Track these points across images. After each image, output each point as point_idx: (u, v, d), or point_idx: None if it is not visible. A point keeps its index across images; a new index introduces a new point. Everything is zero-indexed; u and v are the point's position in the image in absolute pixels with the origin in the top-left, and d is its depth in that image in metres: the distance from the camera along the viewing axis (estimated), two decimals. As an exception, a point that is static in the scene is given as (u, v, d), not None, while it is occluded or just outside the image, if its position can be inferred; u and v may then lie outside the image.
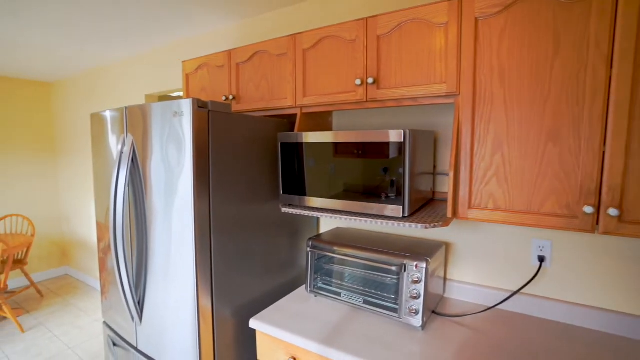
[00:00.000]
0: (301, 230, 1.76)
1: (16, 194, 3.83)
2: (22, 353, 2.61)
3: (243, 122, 1.35)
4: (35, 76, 3.72)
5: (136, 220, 1.39)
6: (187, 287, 1.24)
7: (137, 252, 1.40)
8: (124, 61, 3.02)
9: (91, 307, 3.35)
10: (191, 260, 1.21)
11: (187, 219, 1.20)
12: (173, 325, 1.31)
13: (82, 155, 3.71)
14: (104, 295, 1.68)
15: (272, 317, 1.34)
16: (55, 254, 4.20)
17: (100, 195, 1.60)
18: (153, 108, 1.24)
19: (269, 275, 1.57)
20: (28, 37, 2.41)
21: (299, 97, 1.50)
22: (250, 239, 1.44)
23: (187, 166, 1.17)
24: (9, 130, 3.74)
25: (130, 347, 1.53)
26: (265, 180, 1.49)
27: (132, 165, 1.35)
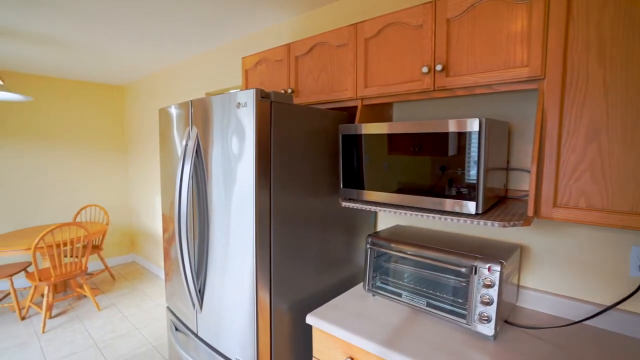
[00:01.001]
0: (357, 227, 1.71)
1: (93, 187, 4.26)
2: (99, 328, 2.88)
3: (303, 114, 1.33)
4: (109, 80, 4.10)
5: (199, 211, 1.44)
6: (246, 279, 1.25)
7: (199, 242, 1.45)
8: (186, 61, 3.20)
9: (155, 293, 3.60)
10: (251, 252, 1.22)
11: (248, 210, 1.20)
12: (231, 316, 1.33)
13: (148, 153, 4.01)
14: (167, 282, 1.77)
15: (329, 314, 1.30)
16: (125, 243, 4.60)
17: (166, 187, 1.69)
18: (217, 100, 1.27)
19: (324, 271, 1.54)
20: (104, 44, 2.64)
21: (360, 88, 1.45)
22: (307, 233, 1.42)
23: (249, 157, 1.18)
24: (86, 129, 4.17)
25: (191, 333, 1.59)
26: (324, 174, 1.47)
27: (196, 157, 1.40)
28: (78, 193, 4.13)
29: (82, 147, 4.13)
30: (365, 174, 1.33)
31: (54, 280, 2.91)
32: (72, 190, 4.08)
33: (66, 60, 3.15)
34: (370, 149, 1.30)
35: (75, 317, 3.08)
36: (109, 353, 2.54)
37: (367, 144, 1.31)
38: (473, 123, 1.01)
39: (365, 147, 1.32)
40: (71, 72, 3.64)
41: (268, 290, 1.26)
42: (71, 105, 4.02)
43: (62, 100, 3.94)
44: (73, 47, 2.76)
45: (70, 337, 2.75)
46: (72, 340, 2.72)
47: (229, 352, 1.36)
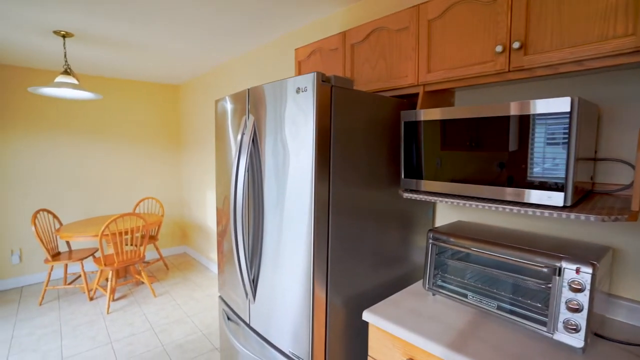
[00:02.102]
0: (414, 223, 1.62)
1: (150, 181, 4.53)
2: (155, 314, 3.04)
3: (363, 100, 1.28)
4: (165, 80, 4.34)
5: (254, 201, 1.44)
6: (302, 272, 1.22)
7: (253, 233, 1.45)
8: (235, 59, 3.28)
9: (205, 283, 3.74)
10: (308, 245, 1.18)
11: (306, 202, 1.17)
12: (285, 308, 1.31)
13: (200, 149, 4.18)
14: (220, 272, 1.80)
15: (387, 311, 1.23)
16: (177, 234, 4.84)
17: (221, 177, 1.72)
18: (274, 87, 1.25)
19: (379, 268, 1.46)
20: (162, 43, 2.78)
21: (422, 73, 1.36)
22: (363, 228, 1.36)
23: (309, 146, 1.14)
24: (144, 127, 4.45)
25: (242, 322, 1.60)
26: (382, 166, 1.40)
27: (252, 147, 1.40)
28: (137, 186, 4.42)
29: (141, 144, 4.42)
30: (430, 163, 1.24)
31: (117, 265, 3.12)
32: (131, 183, 4.38)
33: (129, 61, 3.37)
34: (436, 136, 1.21)
35: (134, 302, 3.29)
36: (164, 337, 2.67)
37: (433, 131, 1.22)
38: (564, 103, 0.89)
39: (431, 134, 1.23)
40: (132, 72, 3.90)
41: (324, 284, 1.22)
42: (131, 104, 4.31)
43: (123, 99, 4.24)
44: (135, 47, 2.94)
45: (130, 320, 2.93)
46: (132, 322, 2.90)
47: (280, 344, 1.34)
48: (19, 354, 2.46)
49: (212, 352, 2.48)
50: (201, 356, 2.43)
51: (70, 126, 3.89)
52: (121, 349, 2.51)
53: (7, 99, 3.52)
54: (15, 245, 3.67)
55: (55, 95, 2.72)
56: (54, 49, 2.95)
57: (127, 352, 2.47)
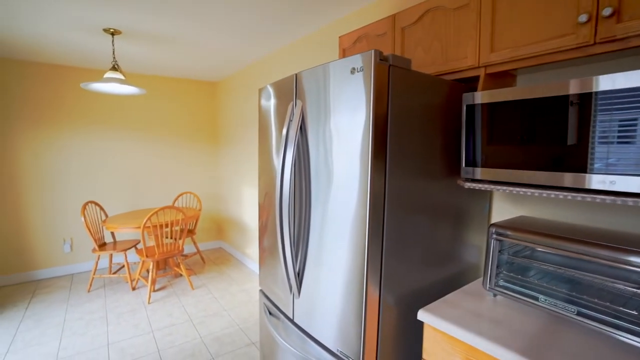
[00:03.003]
0: (467, 219, 1.49)
1: (188, 176, 4.65)
2: (193, 305, 3.09)
3: (421, 82, 1.18)
4: (204, 77, 4.43)
5: (300, 192, 1.38)
6: (354, 268, 1.14)
7: (299, 226, 1.39)
8: (274, 54, 3.26)
9: (240, 278, 3.77)
10: (361, 240, 1.11)
11: (361, 194, 1.09)
12: (333, 305, 1.24)
13: (237, 145, 4.22)
14: (262, 266, 1.77)
15: (445, 311, 1.13)
16: (213, 229, 4.94)
17: (264, 167, 1.69)
18: (326, 69, 1.18)
19: (429, 266, 1.36)
20: (203, 37, 2.81)
21: (484, 53, 1.24)
22: (416, 223, 1.26)
23: (364, 133, 1.06)
24: (184, 123, 4.56)
25: (285, 317, 1.55)
26: (437, 155, 1.29)
27: (300, 134, 1.34)
28: (176, 181, 4.55)
29: (180, 140, 4.54)
30: (494, 150, 1.12)
31: (157, 257, 3.21)
32: (171, 178, 4.51)
33: (171, 57, 3.46)
34: (503, 120, 1.09)
35: (173, 293, 3.36)
36: (202, 329, 2.69)
37: (499, 115, 1.10)
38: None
39: (496, 118, 1.11)
40: (173, 70, 4.01)
41: (378, 282, 1.14)
42: (171, 101, 4.44)
43: (164, 96, 4.38)
44: (178, 43, 3.00)
45: (170, 310, 3.00)
46: (171, 313, 2.96)
47: (328, 342, 1.27)
48: (70, 337, 2.58)
49: (249, 346, 2.47)
50: (238, 350, 2.42)
51: (115, 123, 4.07)
52: (162, 338, 2.56)
53: (61, 97, 3.74)
54: (67, 235, 3.89)
55: (104, 90, 2.83)
56: (103, 47, 3.08)
57: (167, 342, 2.51)
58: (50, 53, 3.25)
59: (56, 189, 3.80)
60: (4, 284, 3.60)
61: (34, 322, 2.83)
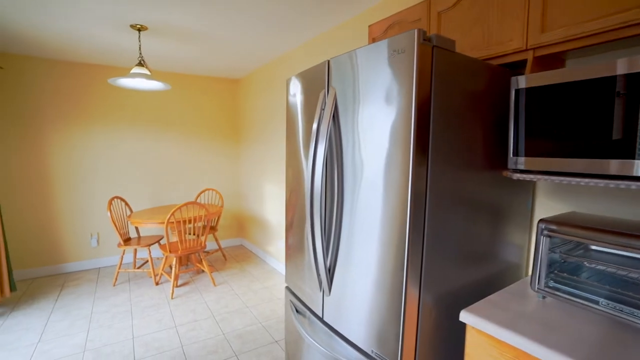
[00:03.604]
0: (508, 214, 1.39)
1: (210, 173, 4.68)
2: (214, 302, 3.09)
3: (465, 66, 1.10)
4: (227, 74, 4.45)
5: (331, 185, 1.32)
6: (392, 267, 1.07)
7: (329, 221, 1.33)
8: (297, 49, 3.22)
9: (262, 275, 3.75)
10: (400, 237, 1.04)
11: (401, 188, 1.02)
12: (368, 304, 1.17)
13: (258, 142, 4.21)
14: (288, 262, 1.72)
15: (490, 313, 1.04)
16: (234, 226, 4.95)
17: (292, 160, 1.64)
18: (363, 53, 1.12)
19: (466, 265, 1.27)
20: (227, 31, 2.80)
21: (534, 34, 1.14)
22: (455, 219, 1.17)
23: (405, 122, 0.99)
24: (206, 121, 4.59)
25: (314, 316, 1.49)
26: (479, 146, 1.20)
27: (332, 124, 1.28)
28: (198, 178, 4.59)
29: (202, 137, 4.57)
30: (547, 138, 1.03)
31: (181, 252, 3.23)
32: (193, 175, 4.55)
33: (195, 53, 3.47)
34: (557, 104, 0.99)
35: (195, 289, 3.38)
36: (224, 325, 2.68)
37: (553, 99, 1.01)
38: None
39: (550, 103, 1.01)
40: (196, 67, 4.04)
41: (418, 282, 1.06)
42: (194, 98, 4.48)
43: (187, 94, 4.42)
44: (202, 38, 3.01)
45: (192, 306, 3.00)
46: (194, 308, 2.96)
47: (361, 343, 1.21)
48: (98, 329, 2.62)
49: (272, 344, 2.43)
50: (261, 348, 2.38)
51: (139, 120, 4.13)
52: (185, 334, 2.55)
53: (89, 94, 3.83)
54: (94, 230, 3.98)
55: (130, 86, 2.86)
56: (129, 44, 3.12)
57: (190, 337, 2.51)
58: (79, 51, 3.33)
59: (83, 185, 3.89)
60: (36, 275, 3.72)
61: (63, 313, 2.89)
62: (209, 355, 2.29)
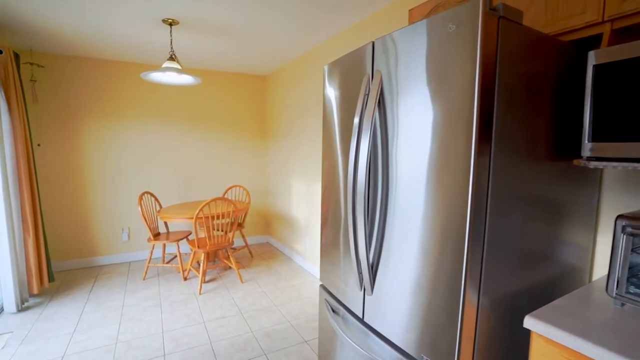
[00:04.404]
0: (570, 212, 1.25)
1: (237, 170, 4.68)
2: (242, 299, 3.06)
3: (533, 41, 0.97)
4: (255, 70, 4.43)
5: (374, 178, 1.23)
6: (447, 268, 0.97)
7: (372, 216, 1.24)
8: (325, 44, 3.14)
9: (289, 274, 3.70)
10: (459, 235, 0.93)
11: (460, 181, 0.92)
12: (418, 306, 1.07)
13: (286, 138, 4.17)
14: (323, 260, 1.64)
15: (559, 320, 0.92)
16: (261, 224, 4.94)
17: (329, 152, 1.56)
18: (416, 29, 1.02)
19: (525, 267, 1.14)
20: (257, 25, 2.76)
21: (613, 3, 1.00)
22: (515, 216, 1.05)
23: (466, 108, 0.89)
24: (234, 117, 4.60)
25: (352, 316, 1.40)
26: (544, 132, 1.07)
27: (378, 111, 1.19)
28: (225, 175, 4.61)
29: (230, 134, 4.58)
30: (632, 119, 0.89)
31: (209, 248, 3.22)
32: (221, 172, 4.57)
33: (224, 49, 3.47)
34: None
35: (222, 286, 3.37)
36: (252, 323, 2.63)
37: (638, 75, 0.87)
38: None
39: (636, 80, 0.88)
40: (225, 63, 4.05)
41: (477, 285, 0.95)
42: (222, 95, 4.49)
43: (215, 90, 4.44)
44: (233, 33, 2.99)
45: (220, 302, 2.99)
46: (222, 305, 2.94)
47: (409, 347, 1.11)
48: (129, 322, 2.64)
49: (302, 344, 2.36)
50: (290, 347, 2.32)
51: (168, 117, 4.19)
52: (213, 330, 2.53)
53: (121, 91, 3.91)
54: (125, 225, 4.07)
55: (162, 81, 2.88)
56: (160, 39, 3.15)
57: (219, 334, 2.48)
58: (112, 49, 3.40)
59: (115, 180, 3.98)
60: (72, 267, 3.84)
61: (96, 304, 2.95)
62: (238, 353, 2.25)
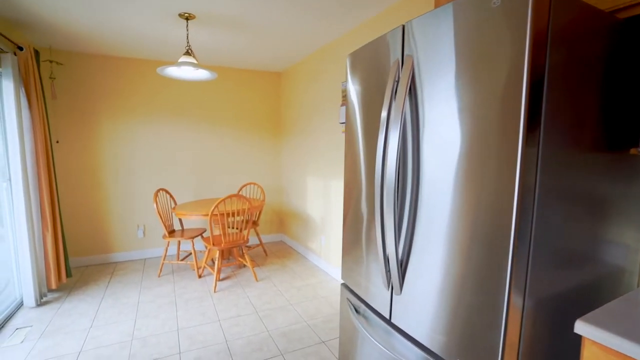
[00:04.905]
0: (619, 208, 1.14)
1: (251, 168, 4.65)
2: (257, 297, 3.02)
3: (587, 17, 0.88)
4: (269, 67, 4.39)
5: (403, 173, 1.15)
6: (492, 268, 0.89)
7: (400, 210, 1.17)
8: (341, 39, 3.07)
9: (304, 272, 3.64)
10: (503, 232, 0.85)
11: (506, 174, 0.84)
12: (450, 307, 0.99)
13: (300, 135, 4.11)
14: (346, 257, 1.57)
15: (617, 326, 0.83)
16: (275, 222, 4.90)
17: (353, 145, 1.49)
18: (453, 7, 0.94)
19: (568, 267, 1.04)
20: (273, 18, 2.70)
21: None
22: (560, 210, 0.96)
23: (510, 95, 0.80)
24: (248, 115, 4.57)
25: (378, 317, 1.33)
26: (595, 120, 0.98)
27: (408, 100, 1.11)
28: (239, 172, 4.58)
29: (245, 131, 4.56)
30: None
31: (224, 245, 3.19)
32: (235, 169, 4.55)
33: (239, 44, 3.43)
34: None
35: (237, 284, 3.33)
36: (268, 322, 2.58)
37: None
38: None
39: None
40: (240, 60, 4.02)
41: (522, 287, 0.87)
42: (237, 92, 4.47)
43: (230, 87, 4.42)
44: (249, 27, 2.94)
45: (235, 301, 2.95)
46: (237, 303, 2.90)
47: (442, 351, 1.03)
48: (144, 319, 2.63)
49: (319, 345, 2.29)
50: (308, 348, 2.26)
51: (182, 115, 4.18)
52: (229, 329, 2.49)
53: (136, 88, 3.92)
54: (140, 222, 4.08)
55: (178, 76, 2.85)
56: (176, 35, 3.13)
57: (234, 333, 2.44)
58: (128, 45, 3.40)
59: (130, 177, 4.00)
60: (88, 263, 3.87)
61: (112, 300, 2.95)
62: (254, 353, 2.20)
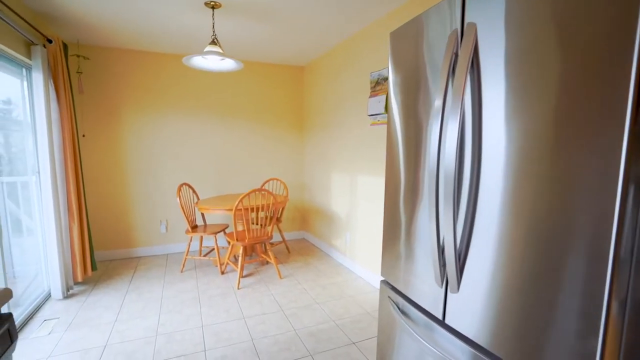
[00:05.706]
0: None
1: (274, 163, 4.57)
2: (282, 295, 2.92)
3: None
4: (292, 61, 4.30)
5: (459, 158, 1.02)
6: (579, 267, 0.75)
7: (457, 204, 1.03)
8: (364, 30, 2.93)
9: (328, 270, 3.53)
10: (606, 230, 0.71)
11: (603, 164, 0.69)
12: (527, 309, 0.85)
13: (324, 131, 4.00)
14: (386, 252, 1.44)
15: None
16: (297, 219, 4.81)
17: (397, 132, 1.36)
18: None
19: None
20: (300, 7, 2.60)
21: None
22: None
23: (618, 59, 0.66)
24: (270, 109, 4.49)
25: (427, 317, 1.20)
26: None
27: (470, 76, 0.98)
28: (262, 168, 4.51)
29: (267, 126, 4.48)
30: None
31: (247, 241, 3.11)
32: (257, 165, 4.48)
33: (263, 36, 3.35)
34: None
35: (261, 281, 3.25)
36: (295, 321, 2.48)
37: None
38: None
39: None
40: (263, 53, 3.95)
41: (625, 290, 0.72)
42: (260, 86, 4.40)
43: (253, 82, 4.35)
44: (274, 17, 2.85)
45: (259, 298, 2.86)
46: (261, 300, 2.82)
47: (510, 356, 0.89)
48: (168, 314, 2.58)
49: (349, 346, 2.17)
50: (338, 349, 2.14)
51: (205, 109, 4.14)
52: (254, 327, 2.40)
53: (160, 83, 3.90)
54: (163, 217, 4.06)
55: (203, 66, 2.79)
56: (201, 25, 3.07)
57: (260, 331, 2.35)
58: (153, 39, 3.37)
59: (154, 172, 3.99)
60: (113, 257, 3.88)
61: (136, 295, 2.92)
62: (282, 352, 2.10)
